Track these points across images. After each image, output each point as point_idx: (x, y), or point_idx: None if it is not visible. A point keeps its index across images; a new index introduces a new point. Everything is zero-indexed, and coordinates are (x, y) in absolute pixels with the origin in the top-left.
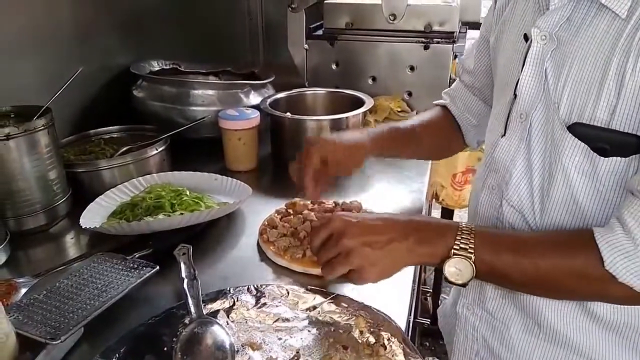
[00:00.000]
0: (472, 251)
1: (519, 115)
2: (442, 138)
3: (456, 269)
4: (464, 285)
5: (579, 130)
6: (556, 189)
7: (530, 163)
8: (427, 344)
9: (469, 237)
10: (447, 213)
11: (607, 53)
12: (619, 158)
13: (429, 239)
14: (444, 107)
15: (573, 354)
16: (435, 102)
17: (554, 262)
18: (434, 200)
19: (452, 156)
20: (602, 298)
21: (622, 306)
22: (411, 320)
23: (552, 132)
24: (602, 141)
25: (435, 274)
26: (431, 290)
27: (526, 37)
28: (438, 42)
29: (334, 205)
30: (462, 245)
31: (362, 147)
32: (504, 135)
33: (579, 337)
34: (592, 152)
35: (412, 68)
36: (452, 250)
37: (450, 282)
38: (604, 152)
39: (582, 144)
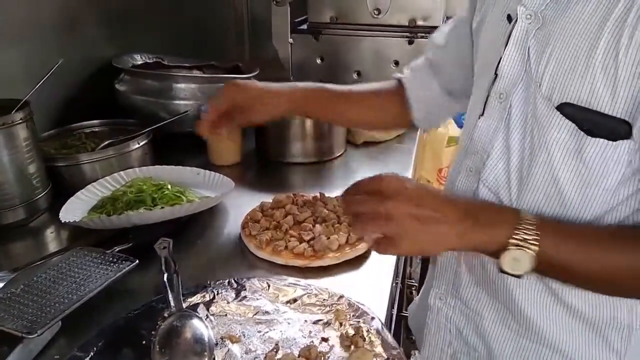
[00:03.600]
0: (536, 243)
1: (499, 95)
2: (385, 111)
3: (514, 259)
4: (519, 276)
5: (567, 110)
6: (537, 169)
7: (508, 144)
8: (413, 337)
9: (531, 227)
10: None
11: (594, 32)
12: (605, 140)
13: (487, 224)
14: (399, 83)
15: (545, 347)
16: (394, 74)
17: (621, 259)
18: None
19: (438, 151)
20: None
21: (600, 301)
22: (394, 313)
23: (534, 112)
24: (589, 122)
25: (422, 268)
26: (417, 285)
27: (509, 18)
28: (422, 37)
29: (313, 199)
30: (524, 236)
31: (279, 96)
32: (482, 115)
33: (552, 330)
34: (579, 131)
35: (396, 63)
36: (512, 240)
37: (504, 272)
38: (590, 133)
39: (570, 123)
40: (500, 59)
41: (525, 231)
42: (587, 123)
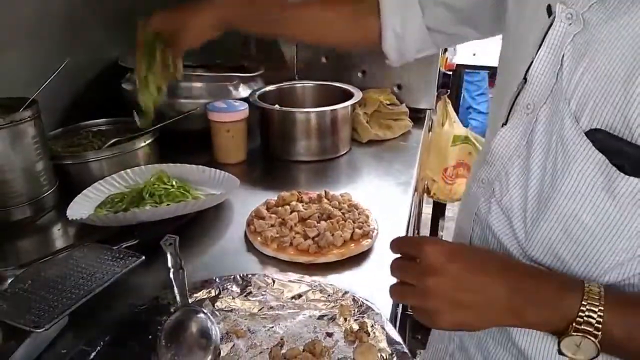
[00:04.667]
0: (600, 326)
1: (526, 105)
2: (344, 29)
3: (575, 345)
4: None
5: (597, 137)
6: (557, 200)
7: (528, 164)
8: (419, 337)
9: (597, 306)
10: (439, 207)
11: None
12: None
13: (542, 304)
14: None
15: None
16: None
17: None
18: (425, 194)
19: (443, 150)
20: None
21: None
22: (399, 312)
23: (561, 134)
24: (621, 156)
25: None
26: None
27: (549, 10)
28: None
29: (317, 196)
30: (587, 319)
31: (202, 17)
32: (506, 124)
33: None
34: (609, 165)
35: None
36: (574, 324)
37: (563, 354)
38: (622, 169)
39: (599, 154)
40: (532, 61)
41: (589, 311)
42: (618, 157)
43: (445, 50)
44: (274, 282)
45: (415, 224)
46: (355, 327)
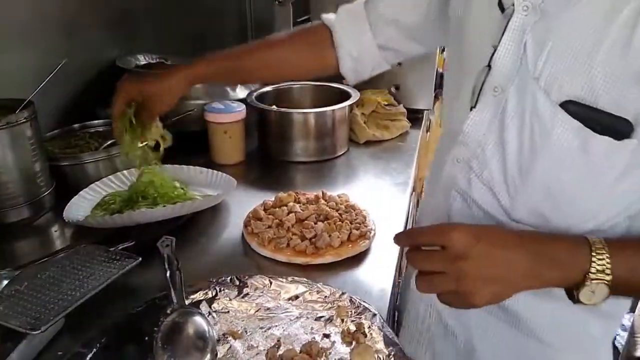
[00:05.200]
0: (610, 272)
1: (493, 88)
2: (301, 61)
3: (591, 292)
4: (595, 304)
5: (571, 108)
6: (539, 166)
7: (503, 139)
8: None
9: (604, 255)
10: None
11: (599, 30)
12: (611, 139)
13: (559, 262)
14: (325, 27)
15: (530, 337)
16: (323, 16)
17: None
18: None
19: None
20: None
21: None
22: (397, 313)
23: (534, 108)
24: (594, 121)
25: None
26: None
27: (501, 6)
28: None
29: (315, 197)
30: (598, 267)
31: (175, 82)
32: (475, 107)
33: (538, 321)
34: (584, 128)
35: (399, 62)
36: (589, 274)
37: (580, 303)
38: (596, 131)
39: (575, 121)
40: (495, 50)
41: (599, 261)
42: (590, 121)
43: (443, 50)
44: (270, 283)
45: (413, 225)
46: (352, 328)
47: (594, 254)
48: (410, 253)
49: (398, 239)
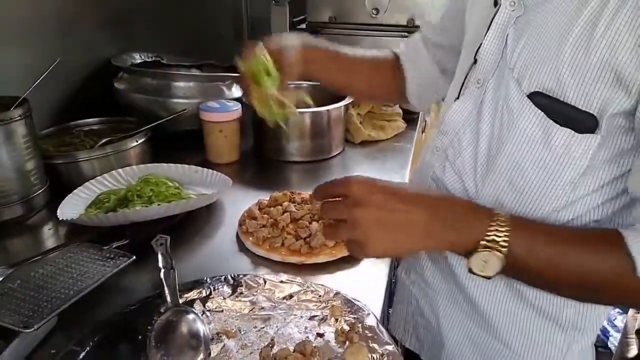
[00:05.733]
0: (505, 245)
1: (476, 80)
2: (381, 83)
3: (482, 261)
4: (488, 278)
5: (537, 99)
6: (503, 155)
7: (478, 129)
8: None
9: (504, 228)
10: None
11: (567, 24)
12: (572, 131)
13: (458, 224)
14: (396, 56)
15: (490, 335)
16: (392, 49)
17: (584, 264)
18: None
19: None
20: (632, 304)
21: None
22: (391, 312)
23: (506, 99)
24: (557, 113)
25: None
26: None
27: (495, 2)
28: None
29: (310, 197)
30: (494, 237)
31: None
32: (458, 98)
33: (499, 319)
34: (547, 119)
35: None
36: (482, 242)
37: (473, 273)
38: (558, 123)
39: (539, 112)
40: (481, 44)
41: (497, 233)
42: (555, 113)
43: None
44: (265, 282)
45: None
46: (346, 327)
47: (492, 224)
48: (321, 205)
49: (314, 194)
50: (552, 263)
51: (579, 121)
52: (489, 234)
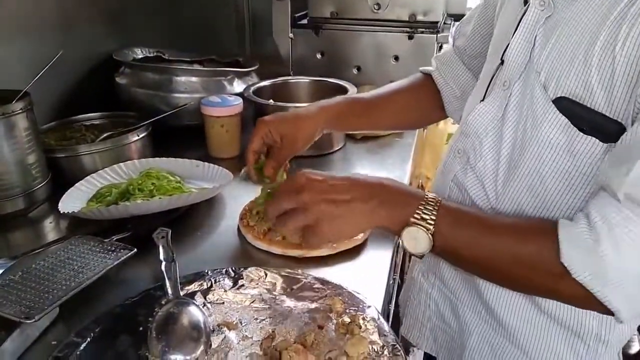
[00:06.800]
0: (432, 222)
1: (502, 82)
2: (418, 109)
3: (412, 238)
4: (421, 256)
5: (562, 104)
6: (525, 161)
7: (502, 133)
8: None
9: (432, 208)
10: None
11: (596, 27)
12: (597, 140)
13: (392, 203)
14: (428, 75)
15: (510, 343)
16: (421, 68)
17: (506, 246)
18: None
19: (438, 147)
20: (551, 294)
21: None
22: (391, 309)
23: (531, 103)
24: (583, 120)
25: None
26: None
27: (526, 1)
28: (422, 32)
29: None
30: (423, 216)
31: (313, 119)
32: (483, 100)
33: (519, 327)
34: (572, 127)
35: (396, 58)
36: (411, 219)
37: (406, 251)
38: (582, 130)
39: (564, 118)
40: (508, 45)
41: (425, 211)
42: (579, 120)
43: (441, 47)
44: (266, 275)
45: None
46: (347, 320)
47: (422, 203)
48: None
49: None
50: (476, 243)
51: (605, 129)
52: (418, 212)
